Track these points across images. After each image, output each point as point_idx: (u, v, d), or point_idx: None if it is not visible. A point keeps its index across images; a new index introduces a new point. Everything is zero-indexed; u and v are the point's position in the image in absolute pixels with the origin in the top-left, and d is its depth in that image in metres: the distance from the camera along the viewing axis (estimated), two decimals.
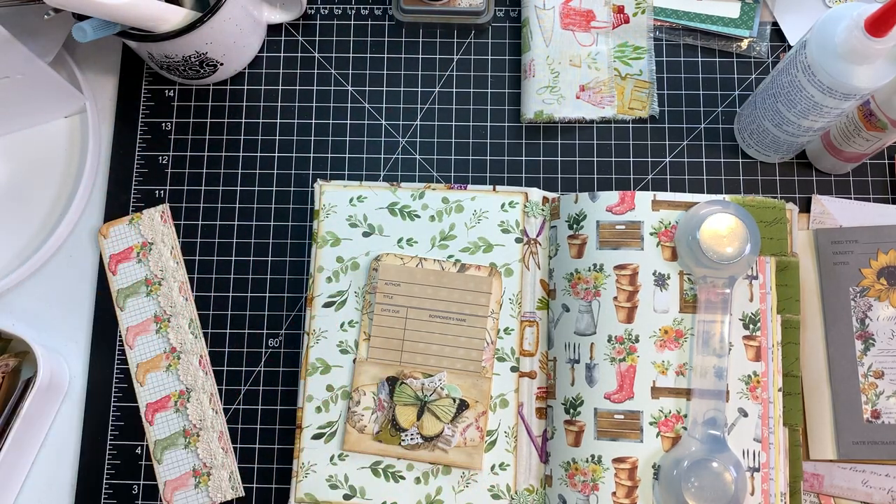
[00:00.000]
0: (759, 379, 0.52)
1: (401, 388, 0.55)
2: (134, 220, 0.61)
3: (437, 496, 0.54)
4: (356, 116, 0.63)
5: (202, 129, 0.63)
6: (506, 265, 0.56)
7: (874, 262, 0.56)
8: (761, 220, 0.54)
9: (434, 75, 0.64)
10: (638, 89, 0.62)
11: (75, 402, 0.59)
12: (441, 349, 0.55)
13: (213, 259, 0.61)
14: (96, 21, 0.53)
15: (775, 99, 0.53)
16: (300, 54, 0.64)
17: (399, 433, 0.54)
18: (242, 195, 0.62)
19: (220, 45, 0.59)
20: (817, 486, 0.54)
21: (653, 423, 0.51)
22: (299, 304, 0.60)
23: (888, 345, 0.55)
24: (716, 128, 0.62)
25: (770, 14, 0.64)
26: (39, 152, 0.63)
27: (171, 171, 0.62)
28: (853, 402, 0.54)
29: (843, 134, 0.55)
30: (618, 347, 0.52)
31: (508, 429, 0.54)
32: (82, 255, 0.61)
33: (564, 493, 0.52)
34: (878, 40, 0.45)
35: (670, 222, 0.54)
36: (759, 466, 0.51)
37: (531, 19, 0.62)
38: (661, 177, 0.61)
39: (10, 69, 0.56)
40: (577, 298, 0.54)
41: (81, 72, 0.63)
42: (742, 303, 0.53)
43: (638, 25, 0.63)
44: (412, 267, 0.56)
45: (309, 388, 0.55)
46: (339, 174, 0.62)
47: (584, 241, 0.55)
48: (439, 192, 0.58)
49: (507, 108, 0.63)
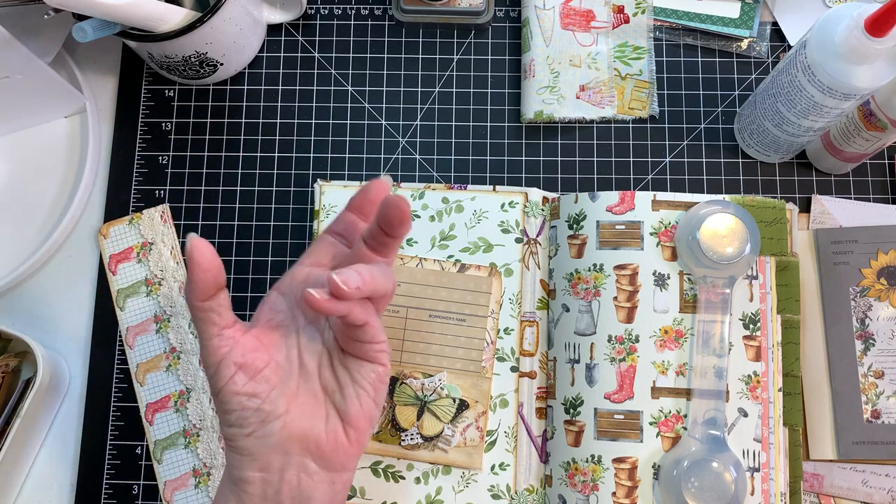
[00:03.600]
0: (759, 379, 0.52)
1: (401, 388, 0.55)
2: (134, 220, 0.61)
3: (437, 496, 0.54)
4: (356, 116, 0.63)
5: (202, 129, 0.63)
6: (506, 265, 0.56)
7: (874, 262, 0.56)
8: (761, 220, 0.54)
9: (434, 75, 0.64)
10: (638, 89, 0.62)
11: (75, 402, 0.59)
12: (441, 349, 0.55)
13: None
14: (96, 21, 0.53)
15: (775, 99, 0.53)
16: (300, 54, 0.64)
17: (399, 433, 0.54)
18: (242, 195, 0.62)
19: (220, 45, 0.59)
20: (817, 486, 0.54)
21: (653, 423, 0.51)
22: None
23: (888, 345, 0.55)
24: (716, 128, 0.62)
25: (770, 14, 0.64)
26: (39, 152, 0.63)
27: (171, 171, 0.62)
28: (853, 402, 0.54)
29: (843, 134, 0.55)
30: (618, 347, 0.52)
31: (508, 429, 0.54)
32: (82, 255, 0.61)
33: (564, 493, 0.52)
34: (878, 40, 0.45)
35: (670, 222, 0.54)
36: (759, 466, 0.51)
37: (531, 19, 0.62)
38: (661, 177, 0.61)
39: (10, 69, 0.56)
40: (577, 298, 0.54)
41: (81, 72, 0.63)
42: (742, 303, 0.53)
43: (638, 25, 0.63)
44: (412, 267, 0.56)
45: None
46: (339, 174, 0.62)
47: (584, 241, 0.55)
48: (439, 192, 0.58)
49: (507, 108, 0.63)
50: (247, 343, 0.41)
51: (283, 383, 0.41)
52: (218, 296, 0.40)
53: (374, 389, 0.42)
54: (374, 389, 0.42)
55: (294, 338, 0.42)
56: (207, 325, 0.40)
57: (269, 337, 0.42)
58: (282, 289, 0.44)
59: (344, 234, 0.45)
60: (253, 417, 0.40)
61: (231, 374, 0.40)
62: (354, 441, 0.41)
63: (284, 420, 0.40)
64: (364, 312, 0.40)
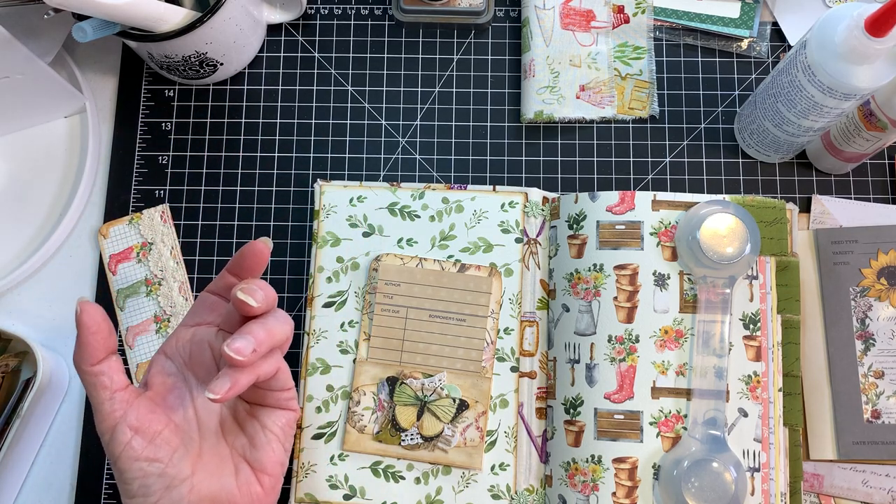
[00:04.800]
0: (759, 379, 0.52)
1: (401, 388, 0.55)
2: (134, 220, 0.61)
3: (437, 496, 0.54)
4: (356, 116, 0.63)
5: (202, 129, 0.63)
6: (506, 265, 0.56)
7: (874, 262, 0.56)
8: (761, 220, 0.54)
9: (434, 75, 0.64)
10: (638, 89, 0.62)
11: (75, 402, 0.59)
12: (441, 349, 0.55)
13: (213, 259, 0.61)
14: (96, 21, 0.53)
15: (775, 99, 0.53)
16: (300, 54, 0.64)
17: (399, 433, 0.54)
18: (242, 195, 0.62)
19: (220, 45, 0.59)
20: (817, 486, 0.54)
21: (653, 423, 0.51)
22: (299, 304, 0.60)
23: (888, 345, 0.55)
24: (716, 128, 0.62)
25: (770, 14, 0.64)
26: (39, 152, 0.63)
27: (171, 171, 0.62)
28: (853, 402, 0.54)
29: (844, 134, 0.55)
30: (618, 347, 0.52)
31: (508, 429, 0.54)
32: (82, 255, 0.61)
33: (564, 493, 0.52)
34: (878, 40, 0.45)
35: (670, 222, 0.54)
36: (759, 466, 0.51)
37: (531, 19, 0.62)
38: (661, 177, 0.61)
39: (10, 69, 0.56)
40: (577, 298, 0.54)
41: (81, 72, 0.63)
42: (742, 303, 0.53)
43: (638, 25, 0.63)
44: (412, 267, 0.56)
45: (309, 388, 0.55)
46: (339, 174, 0.62)
47: (584, 241, 0.55)
48: (439, 192, 0.58)
49: (507, 108, 0.63)
50: (141, 406, 0.40)
51: (185, 445, 0.40)
52: (109, 359, 0.39)
53: (284, 435, 0.42)
54: (284, 435, 0.42)
55: (189, 398, 0.42)
56: (98, 389, 0.39)
57: (165, 399, 0.41)
58: (168, 352, 0.43)
59: (223, 294, 0.44)
60: (157, 484, 0.39)
61: (127, 439, 0.38)
62: (270, 488, 0.41)
63: (192, 483, 0.39)
64: (272, 365, 0.39)
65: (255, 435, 0.42)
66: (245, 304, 0.38)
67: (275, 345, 0.39)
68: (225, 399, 0.37)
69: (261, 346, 0.38)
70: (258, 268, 0.42)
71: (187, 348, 0.42)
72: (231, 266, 0.43)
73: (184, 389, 0.42)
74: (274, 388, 0.41)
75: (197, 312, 0.44)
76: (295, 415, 0.43)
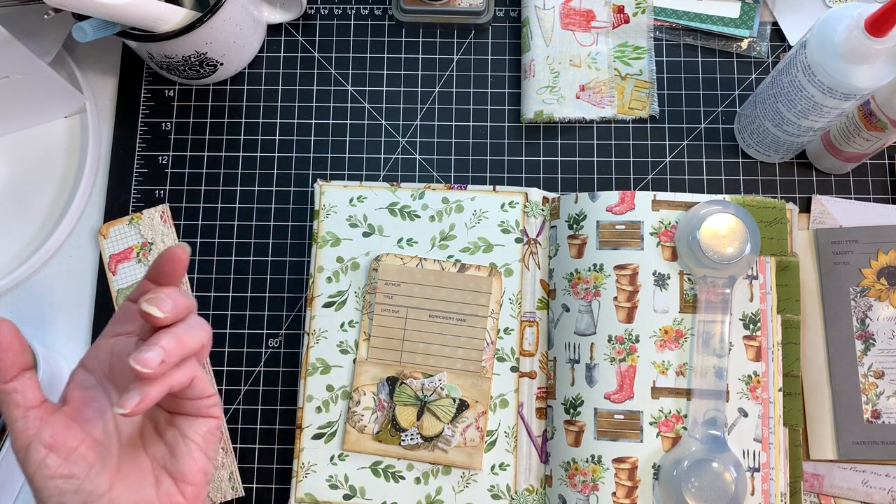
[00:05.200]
0: (759, 379, 0.52)
1: (401, 388, 0.55)
2: (134, 220, 0.61)
3: (437, 496, 0.54)
4: (356, 116, 0.63)
5: (202, 129, 0.63)
6: (506, 265, 0.56)
7: (874, 262, 0.56)
8: (761, 220, 0.54)
9: (434, 75, 0.64)
10: (638, 89, 0.62)
11: None
12: (441, 349, 0.55)
13: (213, 259, 0.61)
14: (96, 21, 0.53)
15: (775, 99, 0.53)
16: (300, 54, 0.64)
17: (399, 433, 0.54)
18: (242, 195, 0.62)
19: (220, 45, 0.59)
20: (817, 486, 0.54)
21: (653, 423, 0.51)
22: (299, 304, 0.60)
23: (888, 345, 0.55)
24: (716, 128, 0.62)
25: (770, 14, 0.64)
26: (39, 152, 0.63)
27: (171, 171, 0.62)
28: (853, 402, 0.54)
29: (844, 134, 0.55)
30: (618, 347, 0.52)
31: (508, 429, 0.54)
32: (82, 255, 0.61)
33: (564, 493, 0.52)
34: (878, 40, 0.45)
35: (670, 222, 0.54)
36: (759, 466, 0.51)
37: (531, 19, 0.62)
38: (661, 177, 0.61)
39: (10, 69, 0.56)
40: (577, 298, 0.54)
41: (81, 72, 0.63)
42: (742, 303, 0.53)
43: (638, 25, 0.63)
44: (412, 267, 0.56)
45: (309, 388, 0.55)
46: (339, 174, 0.62)
47: (584, 241, 0.55)
48: (439, 192, 0.58)
49: (507, 108, 0.63)
50: (57, 422, 0.39)
51: (102, 460, 0.39)
52: (21, 376, 0.39)
53: (205, 443, 0.41)
54: (205, 443, 0.41)
55: (108, 411, 0.41)
56: (11, 407, 0.38)
57: (82, 413, 0.40)
58: (87, 364, 0.42)
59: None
60: (73, 501, 0.38)
61: (41, 457, 0.38)
62: (193, 497, 0.40)
63: (109, 497, 0.39)
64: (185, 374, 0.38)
65: (175, 444, 0.41)
66: (150, 315, 0.37)
67: (187, 354, 0.38)
68: (135, 413, 0.36)
69: (170, 357, 0.37)
70: (177, 274, 0.41)
71: (107, 360, 0.41)
72: (150, 273, 0.42)
73: (103, 402, 0.41)
74: (191, 396, 0.40)
75: (117, 322, 0.43)
76: (217, 422, 0.42)
